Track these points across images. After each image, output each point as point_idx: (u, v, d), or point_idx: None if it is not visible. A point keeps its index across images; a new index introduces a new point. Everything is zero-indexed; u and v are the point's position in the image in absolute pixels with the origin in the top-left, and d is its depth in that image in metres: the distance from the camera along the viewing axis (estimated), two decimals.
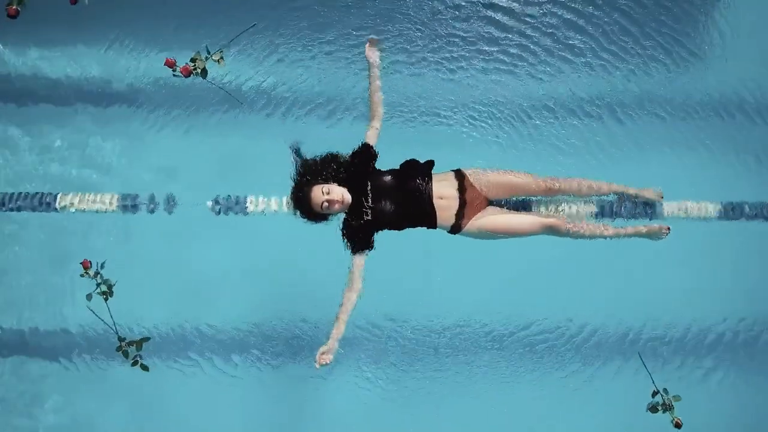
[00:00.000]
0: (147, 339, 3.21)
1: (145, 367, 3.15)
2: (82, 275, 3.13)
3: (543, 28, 4.38)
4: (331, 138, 3.30)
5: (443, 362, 4.07)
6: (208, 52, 3.26)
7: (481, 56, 4.35)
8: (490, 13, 4.39)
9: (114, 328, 3.16)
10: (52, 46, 4.21)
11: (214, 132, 4.21)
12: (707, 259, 3.95)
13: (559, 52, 4.37)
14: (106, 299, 3.13)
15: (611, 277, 3.91)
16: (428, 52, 4.34)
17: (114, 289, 3.11)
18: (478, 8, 4.36)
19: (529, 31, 4.37)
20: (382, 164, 3.05)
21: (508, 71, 4.27)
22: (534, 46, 4.37)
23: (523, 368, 4.06)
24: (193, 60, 3.29)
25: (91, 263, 3.13)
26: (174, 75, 3.29)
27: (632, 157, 4.10)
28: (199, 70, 3.30)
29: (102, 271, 3.12)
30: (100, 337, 3.77)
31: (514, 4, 4.40)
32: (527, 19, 4.38)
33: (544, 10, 4.41)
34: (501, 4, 4.38)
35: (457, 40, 4.35)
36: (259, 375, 4.05)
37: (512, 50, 4.35)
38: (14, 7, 3.31)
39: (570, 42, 4.38)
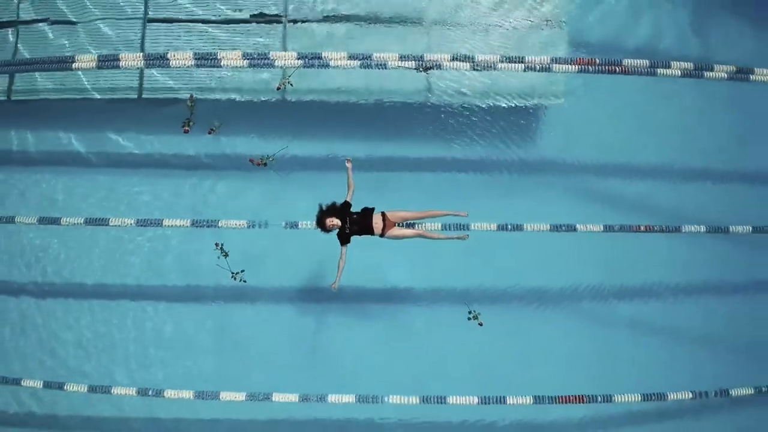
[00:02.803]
0: (242, 271, 7.26)
1: (244, 281, 7.24)
2: (214, 250, 7.29)
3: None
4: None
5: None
6: (267, 156, 7.52)
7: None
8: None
9: (229, 268, 7.29)
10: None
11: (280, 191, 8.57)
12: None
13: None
14: (225, 257, 7.27)
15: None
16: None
17: (229, 254, 7.24)
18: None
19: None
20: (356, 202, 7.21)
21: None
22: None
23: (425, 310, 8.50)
24: (261, 159, 7.55)
25: (218, 243, 7.28)
26: (253, 165, 7.55)
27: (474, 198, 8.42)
28: (264, 164, 7.56)
29: (223, 246, 7.26)
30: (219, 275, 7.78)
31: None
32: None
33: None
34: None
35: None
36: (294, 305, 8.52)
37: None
38: (186, 128, 7.59)
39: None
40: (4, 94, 8.94)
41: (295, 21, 8.71)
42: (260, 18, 8.71)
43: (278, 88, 7.78)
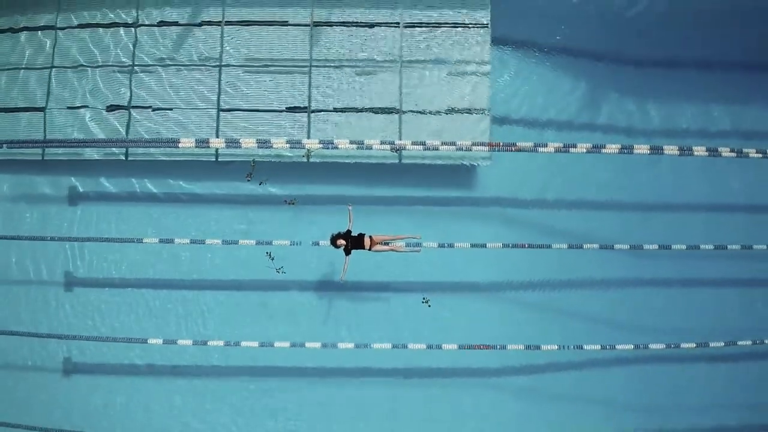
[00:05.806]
0: (282, 266, 12.15)
1: (283, 272, 12.21)
2: (266, 256, 12.18)
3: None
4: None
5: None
6: (293, 200, 12.36)
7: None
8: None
9: (274, 266, 12.15)
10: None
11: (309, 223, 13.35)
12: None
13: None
14: (272, 259, 12.15)
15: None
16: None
17: (274, 257, 12.14)
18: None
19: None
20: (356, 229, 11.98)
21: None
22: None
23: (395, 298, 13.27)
24: (292, 200, 12.40)
25: (269, 252, 12.16)
26: (287, 204, 12.39)
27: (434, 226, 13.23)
28: (293, 203, 12.40)
29: (271, 253, 12.16)
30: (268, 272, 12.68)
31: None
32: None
33: None
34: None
35: None
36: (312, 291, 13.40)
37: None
38: (248, 178, 12.43)
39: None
40: (123, 155, 13.74)
41: (315, 111, 13.58)
42: (292, 109, 13.59)
43: (304, 156, 12.64)
